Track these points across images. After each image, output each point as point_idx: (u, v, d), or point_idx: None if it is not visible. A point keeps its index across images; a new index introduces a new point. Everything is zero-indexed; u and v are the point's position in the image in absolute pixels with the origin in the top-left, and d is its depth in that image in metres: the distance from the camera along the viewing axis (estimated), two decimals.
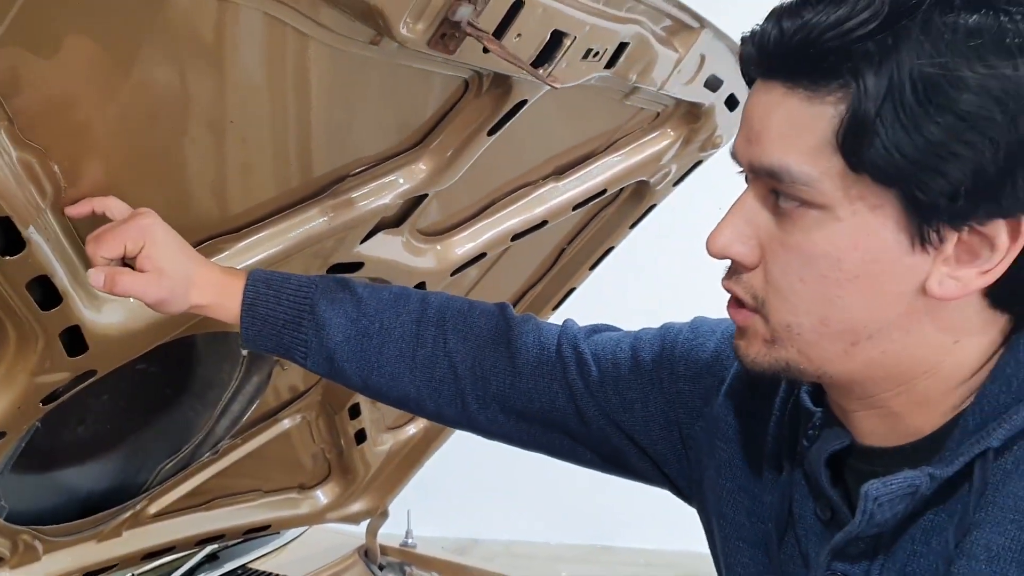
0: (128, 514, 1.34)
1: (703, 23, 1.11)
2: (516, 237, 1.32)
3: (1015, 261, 0.62)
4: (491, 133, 1.06)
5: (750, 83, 0.68)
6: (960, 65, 0.58)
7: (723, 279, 0.70)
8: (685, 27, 1.10)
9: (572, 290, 1.59)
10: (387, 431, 1.65)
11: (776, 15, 0.64)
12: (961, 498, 0.65)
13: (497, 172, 1.22)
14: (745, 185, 0.69)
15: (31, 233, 0.76)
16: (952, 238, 0.62)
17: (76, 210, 0.81)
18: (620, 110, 1.25)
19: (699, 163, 1.42)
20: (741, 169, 0.68)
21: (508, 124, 1.06)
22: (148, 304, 0.86)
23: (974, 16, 0.59)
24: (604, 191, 1.35)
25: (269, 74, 0.86)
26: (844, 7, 0.60)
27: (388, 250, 1.19)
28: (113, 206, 0.83)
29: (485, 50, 0.85)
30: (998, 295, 0.64)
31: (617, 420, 0.88)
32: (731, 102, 1.29)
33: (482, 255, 1.31)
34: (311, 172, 1.02)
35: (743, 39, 0.67)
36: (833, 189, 0.62)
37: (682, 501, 0.91)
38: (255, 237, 1.00)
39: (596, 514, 4.52)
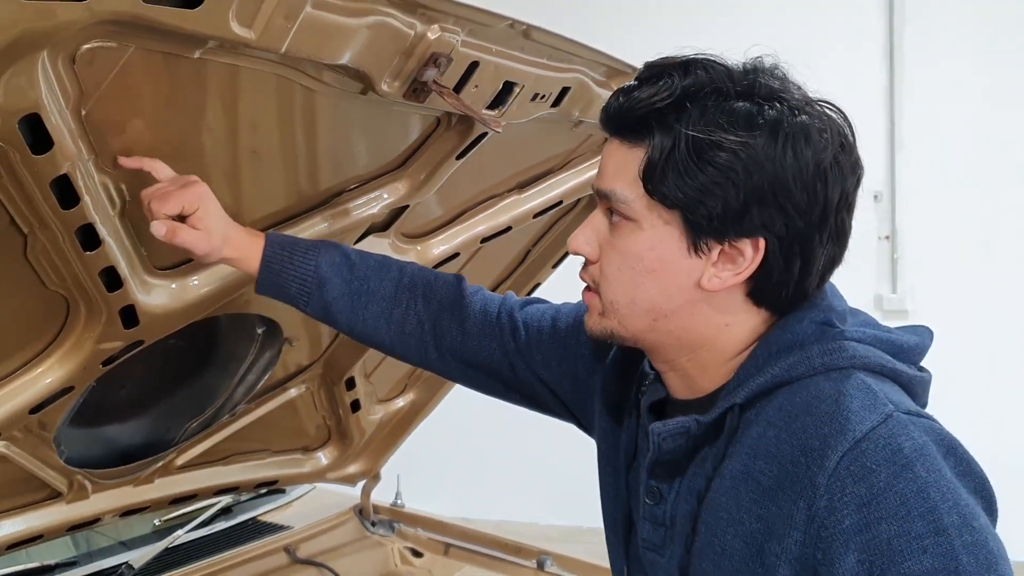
0: (159, 464, 1.58)
1: (635, 69, 1.35)
2: (485, 240, 1.56)
3: (760, 268, 0.88)
4: (459, 158, 1.30)
5: (608, 133, 0.95)
6: (719, 134, 0.85)
7: (580, 272, 0.98)
8: (620, 73, 1.34)
9: (538, 285, 1.82)
10: (379, 403, 1.89)
11: (617, 92, 0.94)
12: (722, 438, 0.91)
13: (467, 187, 1.45)
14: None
15: (105, 235, 1.02)
16: (716, 248, 0.88)
17: (128, 162, 1.00)
18: (572, 135, 1.48)
19: None
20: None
21: (473, 151, 1.30)
22: (196, 255, 1.08)
23: (740, 103, 0.87)
24: (561, 202, 1.59)
25: (283, 116, 1.11)
26: (652, 89, 0.89)
27: (377, 249, 1.42)
28: (159, 167, 1.03)
29: (445, 99, 1.10)
30: (753, 292, 0.91)
31: (538, 373, 1.17)
32: None
33: (456, 254, 1.55)
34: (315, 188, 1.26)
35: (600, 112, 0.96)
36: (640, 208, 0.89)
37: (584, 432, 1.19)
38: None
39: (583, 497, 4.72)
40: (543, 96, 1.25)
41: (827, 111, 0.90)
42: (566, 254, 1.76)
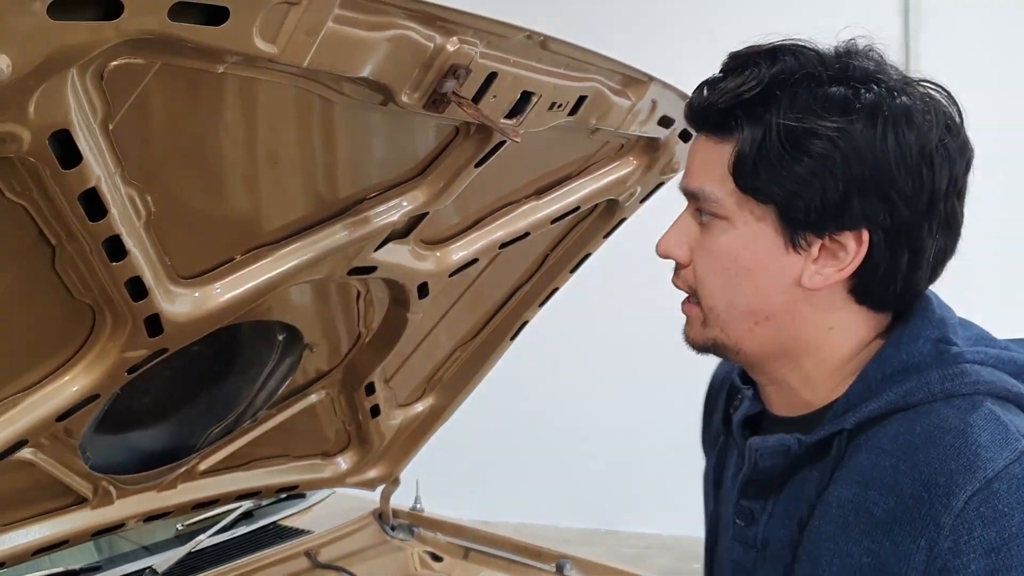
0: (182, 470, 1.59)
1: (651, 78, 1.36)
2: (504, 246, 1.57)
3: (864, 262, 0.83)
4: (478, 166, 1.31)
5: (693, 129, 0.92)
6: (813, 121, 0.81)
7: (672, 278, 0.94)
8: (636, 81, 1.35)
9: (556, 289, 1.83)
10: (398, 408, 1.91)
11: (700, 86, 0.90)
12: (828, 462, 0.86)
13: (486, 193, 1.47)
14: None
15: (131, 246, 1.04)
16: (816, 243, 0.84)
17: None
18: (589, 142, 1.49)
19: (661, 184, 1.67)
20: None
21: (491, 159, 1.31)
22: None
23: (834, 87, 0.82)
24: (578, 208, 1.59)
25: (304, 127, 1.12)
26: (738, 80, 0.85)
27: (397, 256, 1.44)
28: None
29: (464, 110, 1.11)
30: (857, 290, 0.86)
31: None
32: (684, 135, 1.54)
33: (475, 260, 1.56)
34: (336, 196, 1.27)
35: (684, 106, 0.93)
36: (731, 205, 0.86)
37: None
38: (293, 246, 1.25)
39: (601, 500, 4.73)
40: (560, 105, 1.26)
41: (930, 91, 0.84)
42: (584, 259, 1.78)
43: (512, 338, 1.88)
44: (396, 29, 0.97)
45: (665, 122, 1.48)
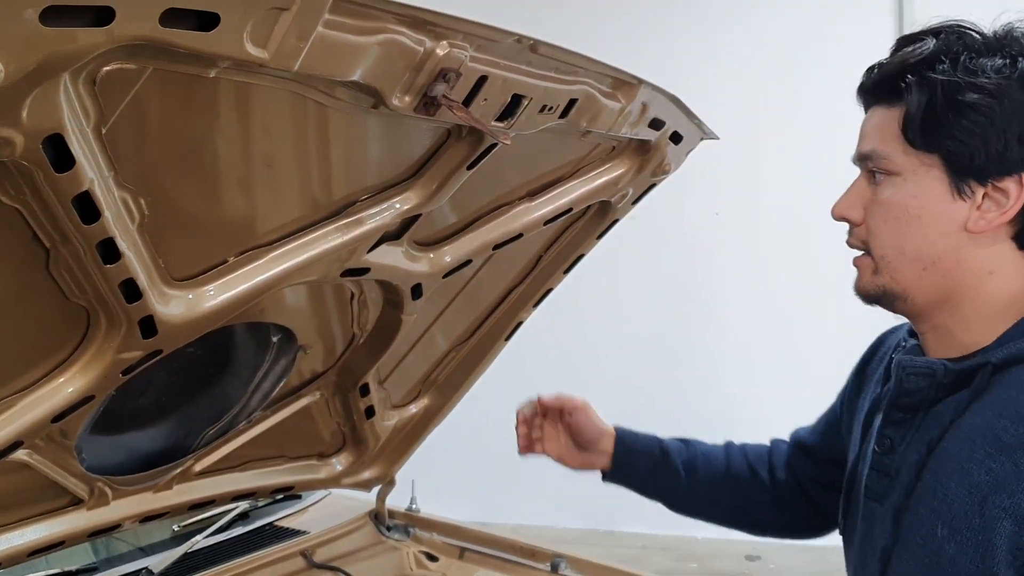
0: (178, 471, 1.61)
1: (641, 80, 1.37)
2: (497, 247, 1.58)
3: None
4: (470, 167, 1.32)
5: (866, 108, 1.02)
6: (975, 78, 0.90)
7: (846, 239, 1.03)
8: (625, 83, 1.36)
9: (550, 290, 1.84)
10: (393, 408, 1.92)
11: (871, 66, 1.01)
12: (968, 392, 0.93)
13: (479, 195, 1.48)
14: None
15: (125, 248, 1.05)
16: (980, 191, 0.93)
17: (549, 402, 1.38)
18: (581, 145, 1.50)
19: (653, 185, 1.68)
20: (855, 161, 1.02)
21: (483, 161, 1.32)
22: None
23: (992, 58, 0.92)
24: (571, 209, 1.60)
25: (297, 130, 1.13)
26: (904, 54, 0.96)
27: (390, 258, 1.45)
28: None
29: (454, 113, 1.12)
30: (1019, 237, 0.94)
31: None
32: (675, 137, 1.56)
33: (468, 261, 1.57)
34: (329, 198, 1.28)
35: (857, 88, 1.03)
36: (901, 160, 0.95)
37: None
38: (286, 248, 1.26)
39: (598, 500, 4.72)
40: (551, 108, 1.27)
41: None
42: (577, 259, 1.79)
43: (507, 339, 1.89)
44: (386, 33, 0.98)
45: (656, 124, 1.49)
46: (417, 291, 1.57)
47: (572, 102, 1.29)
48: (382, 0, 0.95)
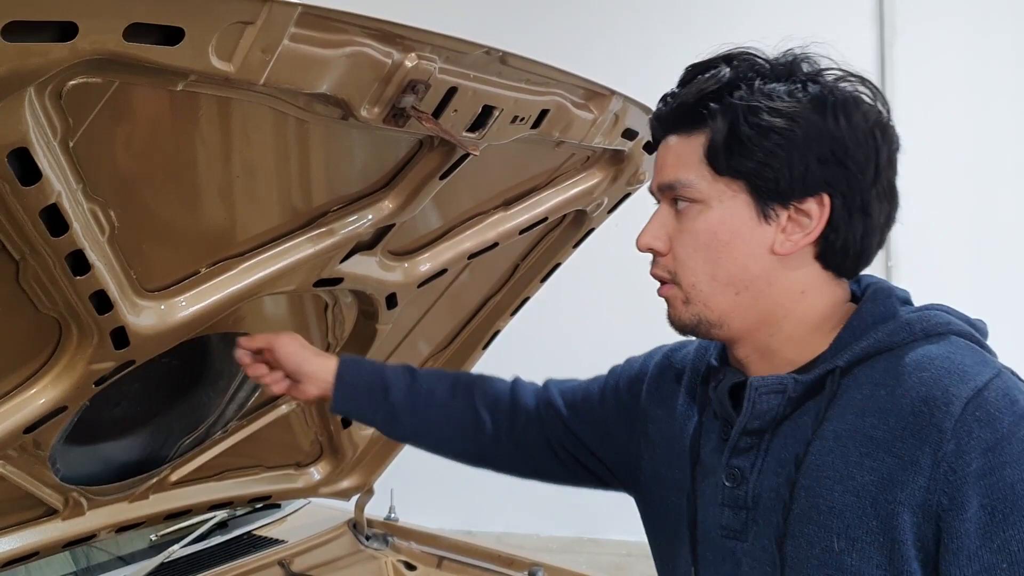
0: (154, 480, 1.60)
1: (613, 91, 1.39)
2: (472, 256, 1.59)
3: (827, 228, 0.93)
4: (443, 178, 1.33)
5: (656, 144, 1.02)
6: (777, 102, 0.92)
7: (650, 270, 1.02)
8: (597, 95, 1.37)
9: (527, 299, 1.85)
10: None
11: (664, 96, 1.01)
12: (818, 402, 0.93)
13: (453, 205, 1.49)
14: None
15: (94, 259, 1.05)
16: (784, 214, 0.94)
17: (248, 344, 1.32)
18: (555, 155, 1.52)
19: (628, 195, 1.70)
20: (656, 200, 1.02)
21: (456, 171, 1.33)
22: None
23: (785, 83, 0.94)
24: (546, 219, 1.62)
25: (266, 141, 1.14)
26: (700, 82, 0.96)
27: (364, 268, 1.45)
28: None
29: (423, 124, 1.13)
30: (823, 255, 0.96)
31: (584, 442, 1.24)
32: (648, 147, 1.57)
33: (444, 271, 1.58)
34: (301, 208, 1.28)
35: (650, 119, 1.03)
36: (707, 188, 0.95)
37: (622, 491, 1.22)
38: (258, 259, 1.27)
39: (583, 508, 4.72)
40: (522, 119, 1.28)
41: (864, 81, 0.96)
42: (554, 268, 1.80)
43: (484, 347, 1.90)
44: (353, 46, 0.99)
45: (629, 134, 1.50)
46: (392, 300, 1.57)
47: (544, 113, 1.30)
48: (348, 13, 0.96)
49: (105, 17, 0.78)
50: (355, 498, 2.03)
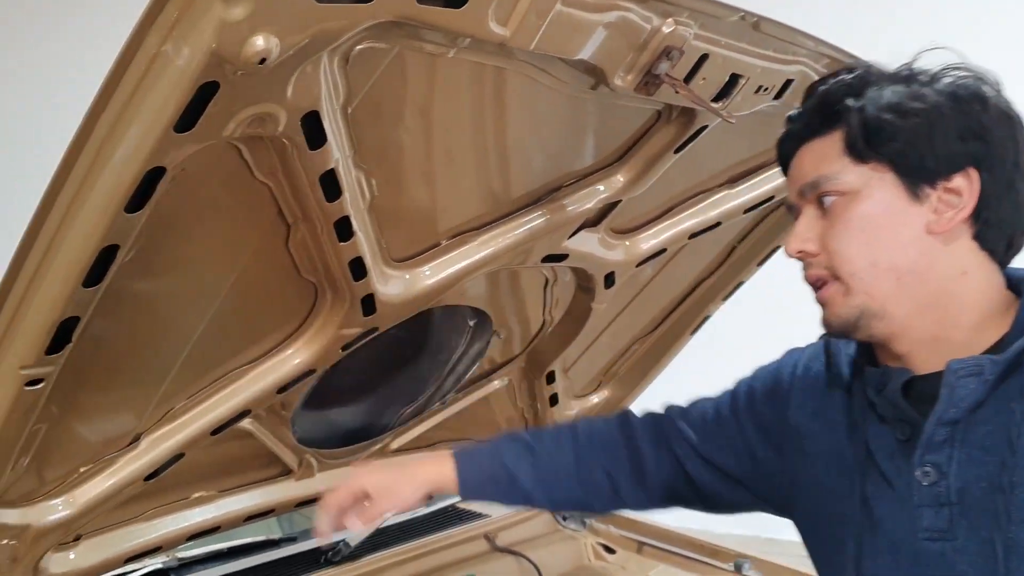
0: (376, 447, 1.67)
1: (857, 60, 1.31)
2: (693, 236, 1.56)
3: (979, 203, 0.91)
4: (677, 151, 1.31)
5: (787, 164, 1.01)
6: (912, 89, 0.93)
7: (804, 275, 0.99)
8: (842, 64, 1.31)
9: (741, 283, 1.80)
10: (575, 398, 1.93)
11: (788, 117, 1.01)
12: (1020, 379, 0.87)
13: (679, 181, 1.46)
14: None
15: (357, 227, 1.09)
16: (933, 193, 0.91)
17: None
18: None
19: None
20: (794, 213, 0.99)
21: (691, 144, 1.31)
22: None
23: (907, 84, 0.94)
24: (772, 197, 1.56)
25: (516, 113, 1.15)
26: (833, 84, 0.97)
27: (588, 245, 1.46)
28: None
29: (677, 92, 1.11)
30: (980, 235, 0.92)
31: (718, 466, 1.17)
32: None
33: (663, 250, 1.56)
34: (537, 183, 1.30)
35: (777, 142, 1.03)
36: (853, 178, 0.93)
37: (780, 514, 1.14)
38: (494, 232, 1.29)
39: None
40: (766, 88, 1.24)
41: (987, 80, 0.95)
42: (772, 251, 1.73)
43: (693, 332, 1.86)
44: (617, 11, 0.98)
45: None
46: (610, 279, 1.57)
47: (787, 83, 1.25)
48: None
49: None
50: None
